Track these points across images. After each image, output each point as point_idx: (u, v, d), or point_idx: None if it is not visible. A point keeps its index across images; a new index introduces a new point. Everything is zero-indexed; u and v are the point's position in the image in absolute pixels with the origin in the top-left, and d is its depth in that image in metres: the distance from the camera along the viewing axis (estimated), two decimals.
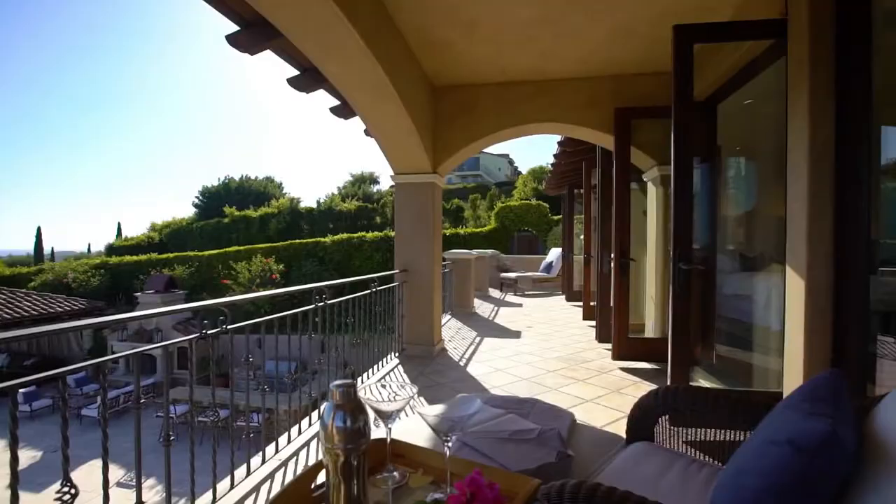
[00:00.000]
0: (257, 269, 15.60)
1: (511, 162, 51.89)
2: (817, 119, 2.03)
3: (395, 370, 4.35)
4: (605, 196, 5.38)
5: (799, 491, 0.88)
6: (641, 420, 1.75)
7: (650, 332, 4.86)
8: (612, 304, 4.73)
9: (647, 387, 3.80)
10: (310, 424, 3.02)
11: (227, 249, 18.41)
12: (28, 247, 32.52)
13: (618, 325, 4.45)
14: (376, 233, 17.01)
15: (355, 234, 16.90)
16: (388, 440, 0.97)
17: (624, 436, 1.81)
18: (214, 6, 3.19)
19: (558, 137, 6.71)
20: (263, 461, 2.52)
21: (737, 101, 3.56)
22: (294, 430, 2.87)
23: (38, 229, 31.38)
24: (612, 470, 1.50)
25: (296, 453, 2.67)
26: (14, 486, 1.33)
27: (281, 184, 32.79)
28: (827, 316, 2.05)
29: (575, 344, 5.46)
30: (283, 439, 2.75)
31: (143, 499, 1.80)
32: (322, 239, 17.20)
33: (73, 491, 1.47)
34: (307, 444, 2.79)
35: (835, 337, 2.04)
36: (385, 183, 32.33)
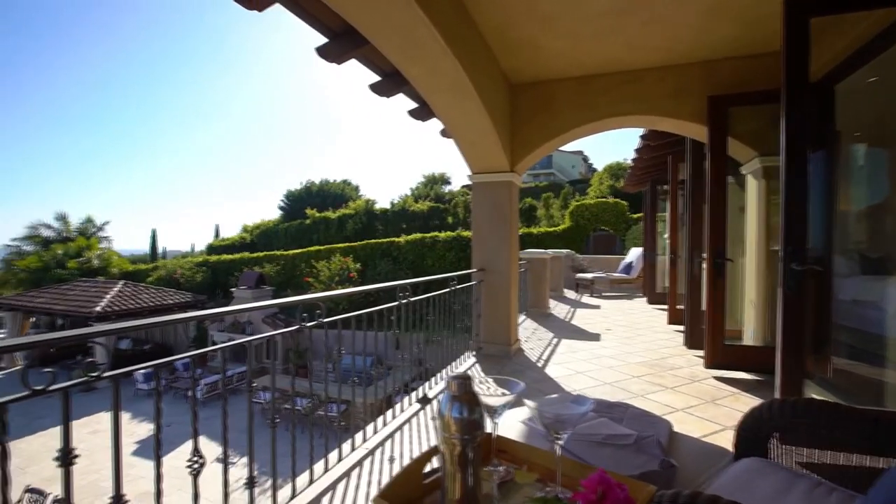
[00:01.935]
0: (336, 268, 16.49)
1: (585, 159, 50.08)
2: None
3: (473, 368, 4.38)
4: (696, 192, 5.00)
5: None
6: (753, 433, 1.61)
7: (749, 339, 4.44)
8: (704, 307, 4.39)
9: (747, 399, 3.48)
10: (394, 417, 3.14)
11: (308, 249, 19.66)
12: (145, 246, 37.13)
13: (711, 331, 4.12)
14: (448, 232, 17.21)
15: (428, 234, 17.24)
16: (494, 435, 0.98)
17: (730, 449, 1.67)
18: (306, 20, 3.43)
19: (640, 131, 6.39)
20: (353, 448, 2.66)
21: (859, 80, 3.14)
22: (380, 420, 2.99)
23: (154, 231, 35.68)
24: (722, 485, 1.39)
25: (381, 444, 2.78)
26: (157, 451, 1.52)
27: (357, 186, 34.36)
28: None
29: (661, 349, 5.14)
30: (370, 429, 2.88)
31: (238, 476, 1.97)
32: (396, 239, 17.76)
33: (201, 460, 1.65)
34: (391, 435, 2.90)
35: None
36: (456, 183, 32.68)
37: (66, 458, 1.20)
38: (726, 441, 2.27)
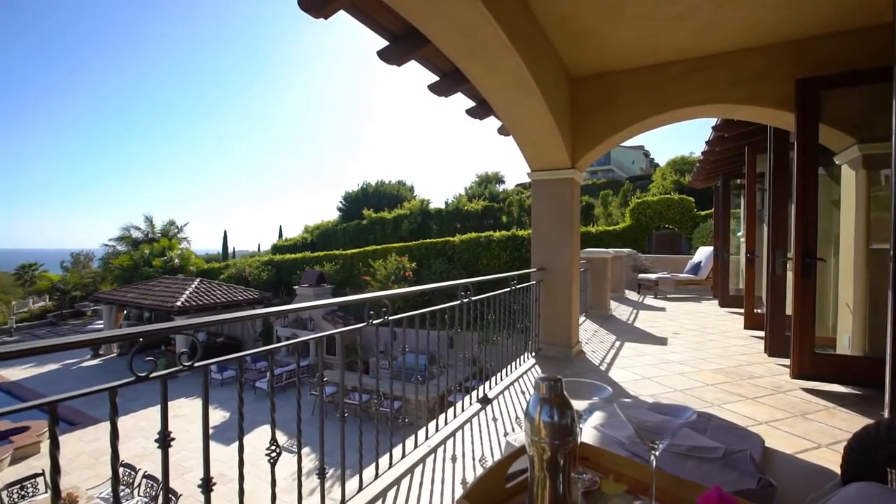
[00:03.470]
0: (392, 267, 16.84)
1: (647, 154, 47.77)
2: None
3: (533, 370, 4.28)
4: (779, 185, 4.58)
5: None
6: (865, 455, 1.42)
7: (844, 347, 4.00)
8: (789, 312, 4.01)
9: (844, 415, 3.13)
10: (455, 416, 3.13)
11: (365, 249, 20.23)
12: (218, 246, 39.98)
13: (799, 338, 3.75)
14: (503, 232, 17.03)
15: (483, 234, 17.14)
16: (578, 441, 0.93)
17: (833, 470, 1.50)
18: (368, 25, 3.51)
19: (711, 122, 5.98)
20: (416, 445, 2.68)
21: None
22: (441, 419, 3.00)
23: (225, 232, 38.32)
24: None
25: (443, 442, 2.79)
26: (241, 436, 1.60)
27: (412, 186, 34.89)
28: None
29: (737, 356, 4.76)
30: (431, 427, 2.89)
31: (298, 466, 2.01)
32: (451, 238, 17.82)
33: (277, 450, 1.72)
34: (452, 434, 2.90)
35: None
36: (510, 182, 32.38)
37: (165, 440, 1.29)
38: (822, 461, 2.05)
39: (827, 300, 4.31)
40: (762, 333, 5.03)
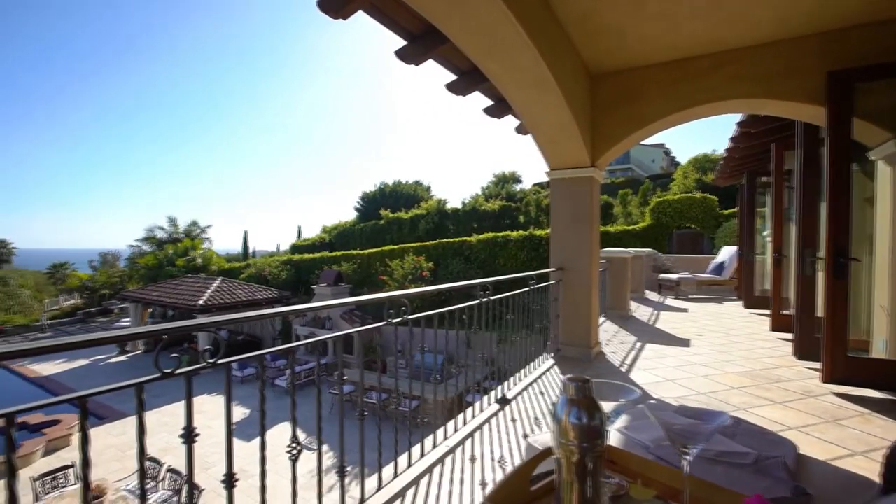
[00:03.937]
0: (409, 267, 16.88)
1: (667, 152, 46.88)
2: None
3: (552, 370, 4.23)
4: (809, 182, 4.43)
5: None
6: None
7: (879, 351, 3.84)
8: (819, 313, 3.87)
9: (881, 421, 3.00)
10: (473, 416, 3.11)
11: (382, 248, 20.32)
12: (238, 246, 40.73)
13: (831, 341, 3.61)
14: (521, 231, 16.88)
15: (500, 234, 17.03)
16: (605, 443, 0.90)
17: (872, 479, 1.43)
18: (386, 24, 3.52)
19: (735, 118, 5.83)
20: (434, 445, 2.67)
21: None
22: (459, 419, 2.98)
23: (245, 233, 39.00)
24: None
25: (461, 443, 2.77)
26: (262, 434, 1.62)
27: (429, 186, 34.89)
28: None
29: (764, 359, 4.62)
30: (450, 427, 2.88)
31: (315, 464, 2.01)
32: (468, 238, 17.76)
33: (298, 447, 1.73)
34: (471, 434, 2.88)
35: None
36: (527, 182, 32.11)
37: (190, 435, 1.30)
38: (858, 469, 1.96)
39: (860, 302, 4.14)
40: (790, 336, 4.87)
